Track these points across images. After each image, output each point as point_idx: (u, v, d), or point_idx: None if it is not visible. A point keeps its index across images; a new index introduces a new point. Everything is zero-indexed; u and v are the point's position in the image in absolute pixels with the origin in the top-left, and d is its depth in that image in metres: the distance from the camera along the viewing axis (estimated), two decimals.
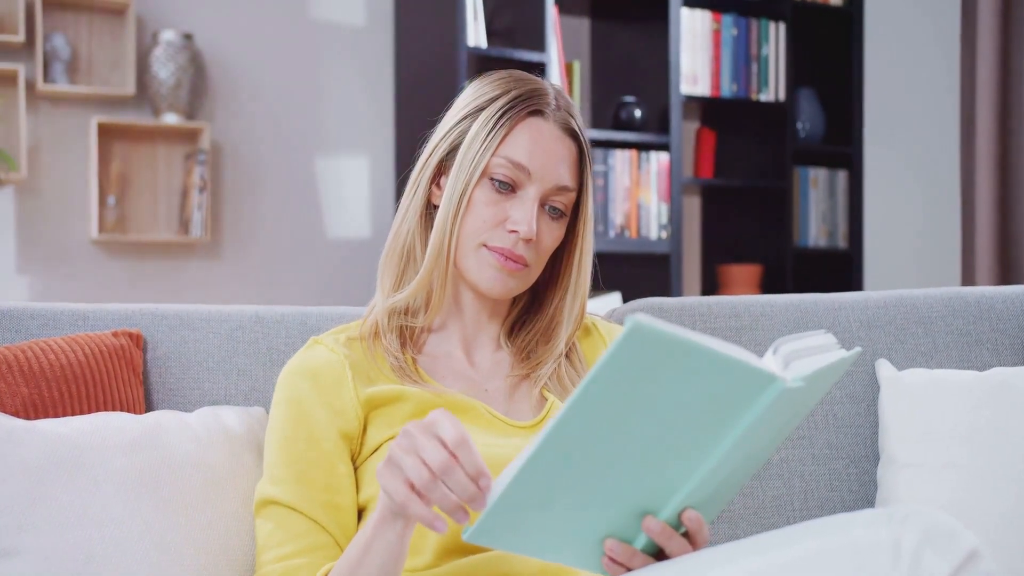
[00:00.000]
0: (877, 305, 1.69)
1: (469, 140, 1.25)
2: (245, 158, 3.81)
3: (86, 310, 1.44)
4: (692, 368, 0.89)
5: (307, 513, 1.18)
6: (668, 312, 1.63)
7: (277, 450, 1.21)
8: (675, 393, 0.90)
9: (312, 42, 3.86)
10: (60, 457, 1.13)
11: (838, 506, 1.59)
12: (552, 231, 1.29)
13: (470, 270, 1.26)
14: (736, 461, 1.00)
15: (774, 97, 3.97)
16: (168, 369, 1.44)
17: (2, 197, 3.56)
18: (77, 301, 3.53)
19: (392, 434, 1.21)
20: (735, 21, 3.92)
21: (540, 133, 1.26)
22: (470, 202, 1.25)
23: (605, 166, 3.68)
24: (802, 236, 4.09)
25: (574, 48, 3.99)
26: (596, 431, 0.91)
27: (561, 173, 1.27)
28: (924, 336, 1.67)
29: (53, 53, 3.55)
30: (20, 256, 3.58)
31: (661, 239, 3.74)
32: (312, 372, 1.24)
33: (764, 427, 0.97)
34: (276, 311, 1.53)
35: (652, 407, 0.91)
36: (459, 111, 1.29)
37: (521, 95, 1.26)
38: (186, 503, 1.21)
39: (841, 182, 4.16)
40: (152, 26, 3.69)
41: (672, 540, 1.00)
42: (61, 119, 3.62)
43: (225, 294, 3.74)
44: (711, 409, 0.92)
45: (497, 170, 1.24)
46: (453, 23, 3.41)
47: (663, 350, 0.87)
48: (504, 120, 1.25)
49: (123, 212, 3.69)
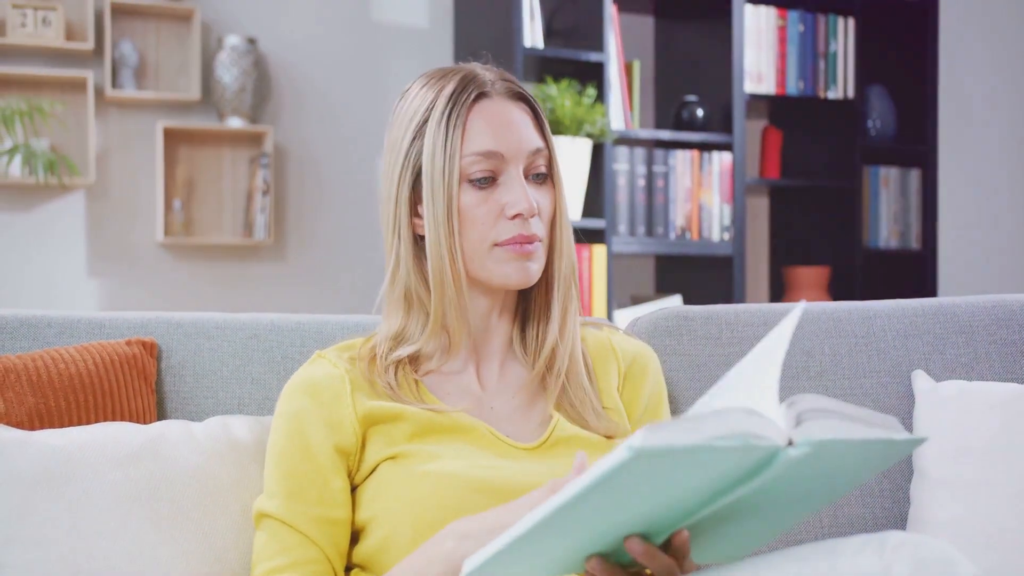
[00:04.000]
0: (915, 314, 1.62)
1: (429, 156, 1.21)
2: (308, 161, 3.84)
3: (102, 318, 1.45)
4: (694, 463, 0.84)
5: (298, 527, 1.17)
6: (693, 320, 1.58)
7: (273, 464, 1.21)
8: (676, 483, 0.86)
9: (374, 45, 3.87)
10: (52, 469, 1.14)
11: (869, 523, 1.53)
12: (545, 196, 1.26)
13: (490, 274, 1.23)
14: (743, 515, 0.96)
15: (843, 94, 3.87)
16: (182, 378, 1.45)
17: (72, 201, 3.64)
18: (144, 303, 3.60)
19: (389, 454, 1.20)
20: (801, 17, 3.83)
21: (493, 113, 1.22)
22: (460, 214, 1.21)
23: (665, 167, 3.63)
24: (872, 237, 3.99)
25: (636, 47, 3.94)
26: (596, 513, 0.88)
27: (529, 137, 1.23)
28: (965, 346, 1.60)
29: (121, 60, 3.62)
30: (90, 259, 3.66)
31: (724, 241, 3.67)
32: (311, 386, 1.23)
33: (782, 487, 0.93)
34: (292, 319, 1.52)
35: (651, 496, 0.87)
36: (403, 135, 1.24)
37: (455, 88, 1.22)
38: (182, 515, 1.20)
39: (914, 181, 4.04)
40: (217, 31, 3.74)
41: (656, 559, 0.95)
42: (129, 124, 3.69)
43: (288, 296, 3.78)
44: (710, 484, 0.88)
45: (472, 169, 1.21)
46: (510, 24, 3.39)
47: (666, 463, 0.83)
48: (454, 119, 1.20)
49: (189, 215, 3.75)
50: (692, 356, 1.57)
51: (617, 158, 3.55)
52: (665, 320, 1.58)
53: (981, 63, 4.11)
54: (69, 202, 3.64)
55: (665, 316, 1.59)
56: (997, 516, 1.42)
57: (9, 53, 3.55)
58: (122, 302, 3.66)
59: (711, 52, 3.73)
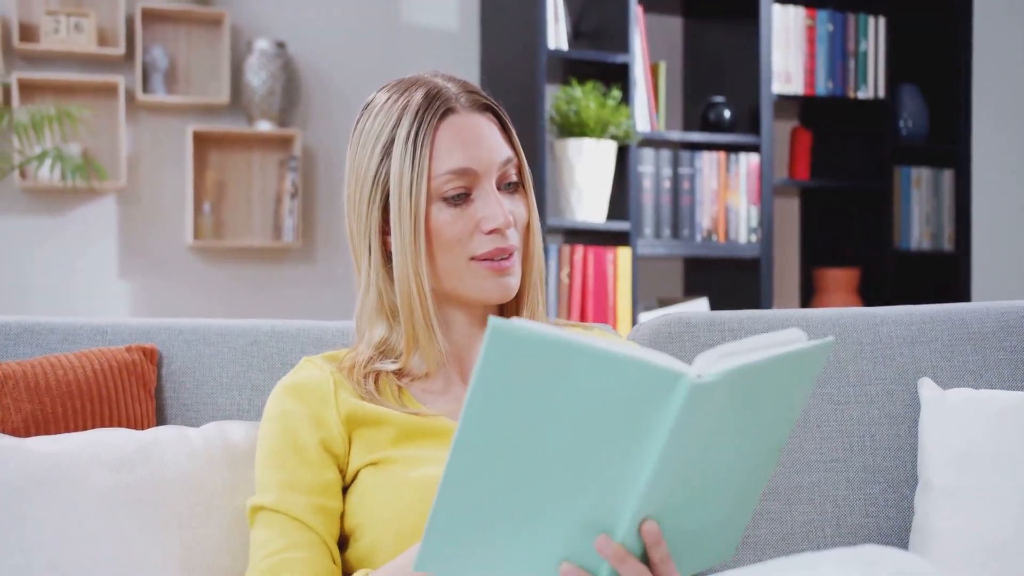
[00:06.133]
0: (923, 320, 1.60)
1: (397, 177, 1.19)
2: (336, 164, 3.86)
3: (104, 325, 1.47)
4: (576, 370, 0.86)
5: (294, 514, 1.17)
6: (696, 327, 1.57)
7: (265, 463, 1.22)
8: (570, 397, 0.87)
9: (402, 47, 3.88)
10: (40, 475, 1.15)
11: (873, 534, 1.51)
12: (519, 204, 1.25)
13: (468, 289, 1.23)
14: (694, 477, 0.95)
15: (873, 94, 3.83)
16: (182, 384, 1.46)
17: (104, 205, 3.69)
18: (174, 305, 3.64)
19: (371, 460, 1.20)
20: (831, 16, 3.79)
21: (461, 128, 1.21)
22: (432, 233, 1.20)
23: (692, 168, 3.61)
24: (903, 238, 3.94)
25: (663, 48, 3.92)
26: (501, 441, 0.89)
27: (498, 148, 1.22)
28: (973, 353, 1.57)
29: (152, 64, 3.66)
30: (121, 262, 3.70)
31: (751, 243, 3.64)
32: (297, 388, 1.24)
33: (711, 436, 0.92)
34: (293, 325, 1.53)
35: (550, 413, 0.88)
36: (369, 157, 1.23)
37: (420, 106, 1.21)
38: (172, 519, 1.21)
39: (947, 181, 3.98)
40: (246, 35, 3.77)
41: (626, 564, 0.94)
42: (159, 128, 3.73)
43: (316, 298, 3.80)
44: (618, 412, 0.89)
45: (445, 187, 1.20)
46: (534, 26, 3.39)
47: (533, 352, 0.85)
48: (421, 138, 1.19)
49: (218, 218, 3.78)
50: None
51: (642, 160, 3.54)
52: (667, 327, 1.57)
53: (1016, 60, 4.04)
54: (100, 206, 3.68)
55: (667, 322, 1.58)
56: (1002, 527, 1.40)
57: (43, 59, 3.61)
58: (152, 305, 3.70)
59: (739, 52, 3.71)
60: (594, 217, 3.42)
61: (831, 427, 1.54)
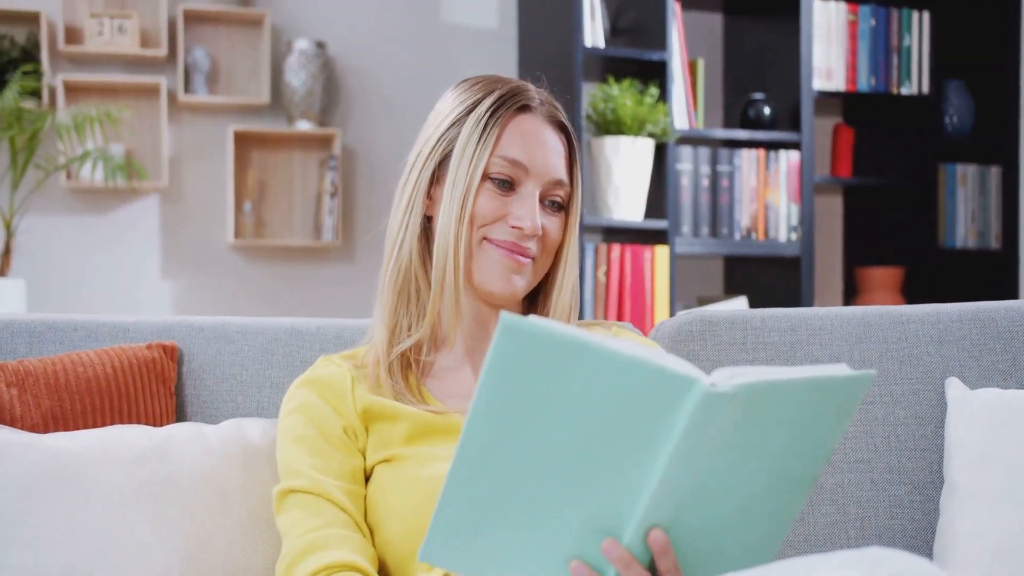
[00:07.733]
0: (950, 319, 1.57)
1: (462, 145, 1.24)
2: (376, 163, 3.88)
3: (127, 322, 1.48)
4: (586, 369, 0.85)
5: (329, 495, 1.18)
6: (716, 325, 1.55)
7: (293, 450, 1.22)
8: (579, 396, 0.87)
9: (442, 46, 3.89)
10: (53, 472, 1.16)
11: (898, 535, 1.49)
12: (554, 223, 1.27)
13: (478, 269, 1.24)
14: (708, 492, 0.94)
15: (917, 90, 3.77)
16: (202, 381, 1.47)
17: (146, 205, 3.74)
18: (215, 304, 3.68)
19: (384, 456, 1.20)
20: (873, 11, 3.74)
21: (531, 128, 1.25)
22: (474, 205, 1.23)
23: (730, 166, 3.58)
24: (948, 236, 3.87)
25: (703, 45, 3.89)
26: (509, 436, 0.88)
27: (557, 166, 1.26)
28: (1003, 353, 1.54)
29: (193, 65, 3.70)
30: (164, 261, 3.74)
31: (791, 241, 3.60)
32: (315, 383, 1.26)
33: (724, 451, 0.91)
34: (312, 323, 1.53)
35: (559, 410, 0.88)
36: (443, 120, 1.27)
37: (505, 94, 1.25)
38: (186, 517, 1.22)
39: (994, 178, 3.91)
40: (287, 35, 3.80)
41: (631, 569, 0.94)
42: (200, 128, 3.77)
43: (356, 296, 3.82)
44: (627, 414, 0.88)
45: (495, 169, 1.23)
46: (571, 24, 3.38)
47: (543, 348, 0.84)
48: (495, 120, 1.23)
49: (259, 218, 3.82)
50: (717, 362, 1.54)
51: (680, 158, 3.51)
52: (689, 325, 1.56)
53: None
54: (143, 205, 3.73)
55: (689, 321, 1.56)
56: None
57: (87, 61, 3.66)
58: (194, 303, 3.74)
59: (779, 48, 3.67)
60: (631, 215, 3.40)
61: (856, 427, 1.52)
